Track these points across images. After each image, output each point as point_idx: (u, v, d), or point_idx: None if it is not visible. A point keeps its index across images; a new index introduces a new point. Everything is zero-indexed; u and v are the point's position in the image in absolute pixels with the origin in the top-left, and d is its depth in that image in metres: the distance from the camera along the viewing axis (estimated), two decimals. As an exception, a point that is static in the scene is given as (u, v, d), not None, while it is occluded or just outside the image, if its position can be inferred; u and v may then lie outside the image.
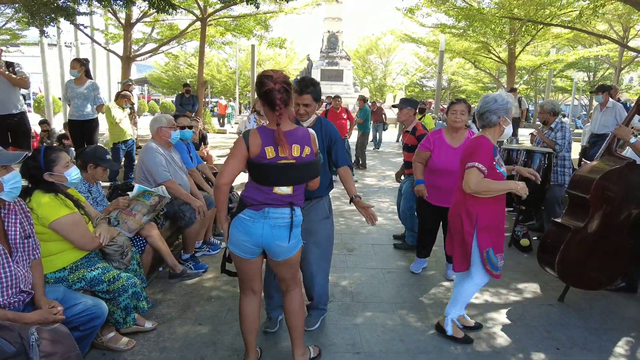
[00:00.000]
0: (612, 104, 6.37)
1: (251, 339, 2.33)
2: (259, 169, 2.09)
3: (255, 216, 2.11)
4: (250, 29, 13.67)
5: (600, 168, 3.25)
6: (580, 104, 32.32)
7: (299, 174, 2.15)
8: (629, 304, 3.39)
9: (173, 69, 32.73)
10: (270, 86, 2.02)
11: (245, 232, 2.12)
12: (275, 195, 2.12)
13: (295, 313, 2.35)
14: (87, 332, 2.18)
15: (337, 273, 3.83)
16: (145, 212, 3.10)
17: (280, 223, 2.13)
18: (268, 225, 2.11)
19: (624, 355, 2.70)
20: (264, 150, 2.05)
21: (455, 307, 2.78)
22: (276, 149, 2.06)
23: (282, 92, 2.04)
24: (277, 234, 2.13)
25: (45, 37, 8.72)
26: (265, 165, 2.07)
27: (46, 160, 2.37)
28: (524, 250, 4.52)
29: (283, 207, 2.14)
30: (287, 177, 2.11)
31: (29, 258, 2.06)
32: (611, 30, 19.39)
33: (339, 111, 8.33)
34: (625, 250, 3.27)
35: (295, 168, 2.11)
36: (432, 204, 3.64)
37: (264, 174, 2.10)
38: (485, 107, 2.56)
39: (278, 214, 2.13)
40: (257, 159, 2.07)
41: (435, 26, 16.42)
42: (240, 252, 2.18)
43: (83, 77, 5.75)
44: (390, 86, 37.24)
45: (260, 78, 2.07)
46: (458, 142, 3.54)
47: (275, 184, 2.11)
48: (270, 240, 2.13)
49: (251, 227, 2.11)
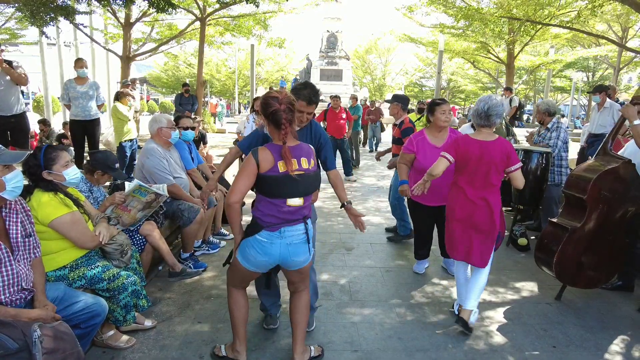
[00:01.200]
0: (610, 104, 6.40)
1: (244, 329, 2.45)
2: (272, 181, 2.13)
3: (272, 237, 2.18)
4: (250, 29, 13.67)
5: (596, 168, 3.28)
6: (579, 104, 32.35)
7: (308, 185, 2.23)
8: (625, 302, 3.42)
9: (172, 68, 32.72)
10: (276, 107, 2.10)
11: (263, 253, 2.20)
12: (289, 208, 2.18)
13: (300, 311, 2.44)
14: (87, 329, 2.20)
15: (336, 272, 3.85)
16: (140, 208, 3.13)
17: (297, 240, 2.22)
18: (285, 244, 2.19)
19: (620, 353, 2.72)
20: (277, 165, 2.12)
21: (478, 299, 2.93)
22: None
23: (288, 112, 2.12)
24: (295, 251, 2.22)
25: (45, 37, 8.71)
26: (281, 177, 2.12)
27: (46, 159, 2.39)
28: (521, 249, 4.54)
29: (297, 224, 2.22)
30: (299, 188, 2.18)
31: (30, 256, 2.07)
32: (610, 31, 19.44)
33: (339, 111, 8.33)
34: (621, 249, 3.30)
35: (306, 178, 2.19)
36: (424, 205, 3.65)
37: (277, 187, 2.14)
38: (494, 109, 2.78)
39: (294, 231, 2.21)
40: (269, 173, 2.12)
41: (435, 26, 16.45)
42: (254, 268, 2.28)
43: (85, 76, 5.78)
44: (390, 86, 37.22)
45: (266, 99, 2.15)
46: (441, 142, 3.61)
47: (289, 196, 2.16)
48: (288, 257, 2.22)
49: (269, 249, 2.19)
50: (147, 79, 35.69)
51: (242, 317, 2.43)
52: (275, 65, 32.59)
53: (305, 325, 2.47)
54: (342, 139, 8.27)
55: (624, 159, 3.26)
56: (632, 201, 3.26)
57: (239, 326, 2.43)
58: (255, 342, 2.71)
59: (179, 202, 3.76)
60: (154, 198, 3.21)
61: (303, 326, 2.44)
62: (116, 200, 3.05)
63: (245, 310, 2.44)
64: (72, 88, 5.73)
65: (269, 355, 2.58)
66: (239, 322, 2.43)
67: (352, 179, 8.28)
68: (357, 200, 6.59)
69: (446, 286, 3.65)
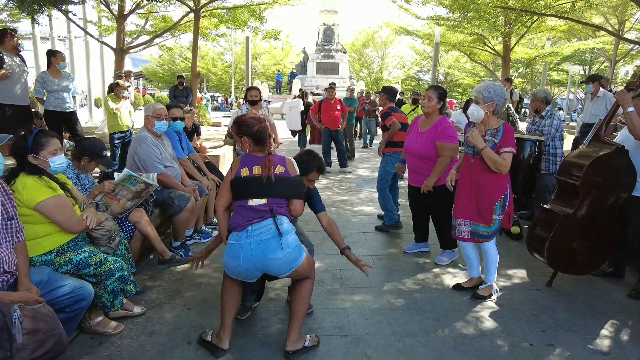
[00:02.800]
0: (603, 93, 6.40)
1: (231, 317, 2.44)
2: (235, 184, 2.32)
3: (240, 238, 2.20)
4: (245, 21, 13.56)
5: (589, 154, 3.26)
6: (576, 98, 32.37)
7: (272, 188, 2.28)
8: (616, 288, 3.43)
9: (168, 62, 32.52)
10: (259, 125, 2.38)
11: (234, 257, 2.21)
12: (251, 207, 2.24)
13: (300, 299, 2.42)
14: (73, 313, 2.18)
15: (328, 260, 3.85)
16: (130, 197, 3.10)
17: (266, 236, 2.19)
18: (255, 242, 2.18)
19: (608, 337, 2.73)
20: (240, 171, 2.32)
21: (493, 273, 3.18)
22: (250, 169, 2.31)
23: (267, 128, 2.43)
24: (266, 247, 2.18)
25: (38, 25, 8.60)
26: (240, 180, 2.31)
27: (35, 143, 2.35)
28: (514, 237, 4.55)
29: (265, 220, 2.22)
30: (260, 190, 2.27)
31: (13, 240, 2.05)
32: (607, 23, 19.38)
33: (333, 102, 8.29)
34: (612, 235, 3.29)
35: (276, 182, 2.28)
36: (410, 185, 3.99)
37: (239, 189, 2.31)
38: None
39: (261, 228, 2.21)
40: (234, 179, 2.33)
41: (431, 18, 16.36)
42: (236, 276, 2.33)
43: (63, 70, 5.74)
44: (387, 80, 37.07)
45: (246, 122, 2.40)
46: (426, 127, 3.71)
47: (249, 197, 2.28)
48: (262, 256, 2.18)
49: (239, 250, 2.19)
50: (143, 73, 35.45)
51: (231, 306, 2.41)
52: (272, 58, 32.42)
53: (302, 315, 2.44)
54: (337, 131, 8.24)
55: (617, 145, 3.24)
56: (624, 187, 3.25)
57: (225, 314, 2.42)
58: (245, 328, 2.70)
59: (170, 190, 3.74)
60: (144, 188, 3.18)
61: (300, 316, 2.42)
62: (105, 189, 3.02)
63: (236, 299, 2.43)
64: (49, 81, 5.64)
65: (258, 341, 2.57)
66: (227, 310, 2.41)
67: (347, 171, 8.27)
68: (352, 191, 6.58)
69: (437, 273, 3.65)
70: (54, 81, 5.62)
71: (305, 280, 2.43)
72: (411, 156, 3.84)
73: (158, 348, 2.47)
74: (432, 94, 3.62)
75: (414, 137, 3.80)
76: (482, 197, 3.02)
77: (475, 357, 2.48)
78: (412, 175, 3.91)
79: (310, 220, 4.26)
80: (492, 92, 2.92)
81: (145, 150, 3.67)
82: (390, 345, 2.56)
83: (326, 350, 2.50)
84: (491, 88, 2.95)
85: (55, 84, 5.62)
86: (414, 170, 3.86)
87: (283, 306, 3.01)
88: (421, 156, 3.70)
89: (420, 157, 3.71)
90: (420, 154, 3.70)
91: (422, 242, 4.10)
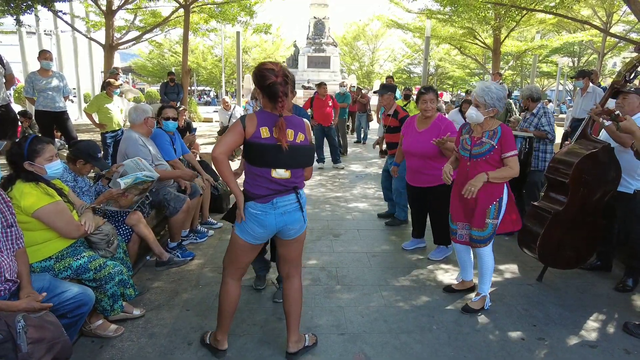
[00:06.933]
0: (592, 88, 6.49)
1: (228, 322, 2.45)
2: (255, 148, 2.12)
3: (265, 208, 2.21)
4: (235, 16, 13.47)
5: (577, 151, 3.34)
6: (565, 89, 32.67)
7: (297, 158, 2.21)
8: (603, 281, 3.53)
9: (158, 57, 32.12)
10: (273, 79, 2.08)
11: (260, 225, 2.23)
12: (276, 180, 2.18)
13: (293, 300, 2.44)
14: (74, 319, 2.21)
15: (324, 257, 3.90)
16: (136, 193, 3.27)
17: (290, 209, 2.25)
18: (279, 213, 2.22)
19: (595, 329, 2.83)
20: (259, 130, 2.10)
21: (488, 282, 3.05)
22: (271, 129, 2.11)
23: (284, 85, 2.10)
24: (289, 219, 2.26)
25: (22, 27, 8.47)
26: (262, 145, 2.11)
27: (30, 150, 2.35)
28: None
29: (289, 194, 2.24)
30: (286, 159, 2.16)
31: (13, 247, 2.06)
32: (595, 16, 19.57)
33: (325, 99, 8.30)
34: (598, 229, 3.39)
35: (295, 151, 2.16)
36: (410, 184, 3.99)
37: (259, 154, 2.13)
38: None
39: (286, 201, 2.23)
40: (253, 139, 2.11)
41: (421, 11, 16.40)
42: (252, 240, 2.29)
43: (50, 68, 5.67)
44: (378, 73, 37.08)
45: (262, 71, 2.10)
46: (424, 127, 3.75)
47: (272, 166, 2.15)
48: (284, 225, 2.26)
49: (264, 220, 2.22)
50: (132, 67, 35.00)
51: (229, 309, 2.40)
52: (262, 52, 32.17)
53: (298, 314, 2.46)
54: (330, 127, 8.26)
55: (603, 143, 3.33)
56: (610, 183, 3.34)
57: (223, 317, 2.42)
58: (244, 328, 2.74)
59: (165, 192, 3.75)
60: (149, 184, 3.34)
61: (296, 316, 2.45)
62: (114, 196, 3.06)
63: (234, 303, 2.40)
64: (37, 80, 5.57)
65: (257, 341, 2.62)
66: (225, 313, 2.40)
67: (340, 167, 8.31)
68: (345, 188, 6.63)
69: (431, 270, 3.72)
70: (42, 80, 5.57)
71: (294, 278, 2.45)
72: (412, 156, 3.81)
73: (159, 350, 2.51)
74: (433, 96, 3.67)
75: (412, 137, 3.78)
76: (477, 200, 2.94)
77: (469, 352, 2.56)
78: (413, 175, 3.87)
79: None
80: (494, 99, 2.78)
81: (136, 150, 3.65)
82: (387, 343, 2.63)
83: (324, 348, 2.56)
84: (493, 94, 2.78)
85: (43, 83, 5.56)
86: (415, 170, 3.81)
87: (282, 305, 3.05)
88: (423, 155, 3.69)
89: (422, 156, 3.70)
90: (422, 153, 3.69)
91: (419, 237, 4.19)
